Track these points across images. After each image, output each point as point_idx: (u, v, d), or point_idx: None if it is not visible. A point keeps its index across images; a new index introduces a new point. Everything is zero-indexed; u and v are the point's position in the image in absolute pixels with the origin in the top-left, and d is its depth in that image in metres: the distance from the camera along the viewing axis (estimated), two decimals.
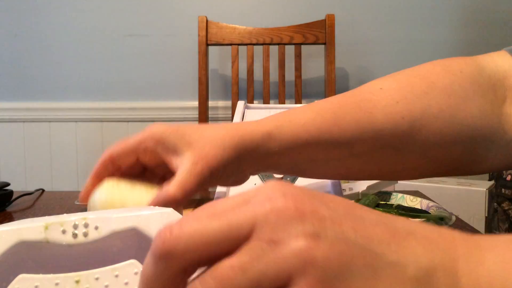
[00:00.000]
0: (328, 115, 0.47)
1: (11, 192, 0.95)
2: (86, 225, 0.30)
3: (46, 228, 0.30)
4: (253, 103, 1.56)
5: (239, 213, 0.21)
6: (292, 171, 0.50)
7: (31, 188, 1.12)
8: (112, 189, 0.41)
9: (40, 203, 0.96)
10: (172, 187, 0.43)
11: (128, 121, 1.83)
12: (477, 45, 1.75)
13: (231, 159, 0.45)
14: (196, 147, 0.44)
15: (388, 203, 0.66)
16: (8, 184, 0.96)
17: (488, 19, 1.75)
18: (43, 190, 1.06)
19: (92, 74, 1.81)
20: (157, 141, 0.47)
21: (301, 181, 0.62)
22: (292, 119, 0.47)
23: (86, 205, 0.85)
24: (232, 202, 0.22)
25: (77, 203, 0.86)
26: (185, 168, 0.43)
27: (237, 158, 0.45)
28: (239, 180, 0.49)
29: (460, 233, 0.24)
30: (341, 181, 0.64)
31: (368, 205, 0.61)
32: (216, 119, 1.79)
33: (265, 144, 0.46)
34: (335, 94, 1.44)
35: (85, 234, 0.30)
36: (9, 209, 0.92)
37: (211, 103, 1.74)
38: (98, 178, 0.51)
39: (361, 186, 0.67)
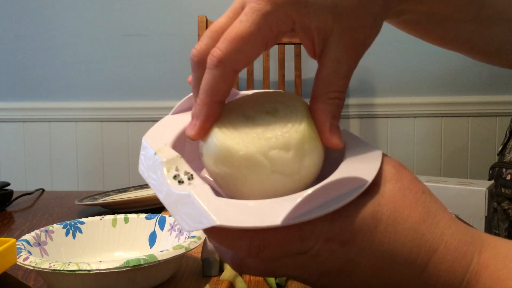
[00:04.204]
0: None
1: (11, 192, 0.95)
2: None
3: None
4: None
5: None
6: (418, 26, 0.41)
7: (31, 188, 1.12)
8: (231, 136, 0.28)
9: (40, 203, 0.96)
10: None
11: (128, 121, 1.83)
12: None
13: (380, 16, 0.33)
14: (342, 11, 0.30)
15: None
16: (8, 184, 0.96)
17: None
18: (43, 190, 1.06)
19: (92, 74, 1.81)
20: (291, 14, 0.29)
21: None
22: None
23: (87, 204, 0.85)
24: None
25: (77, 202, 0.86)
26: (335, 59, 0.30)
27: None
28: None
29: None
30: None
31: None
32: None
33: None
34: None
35: None
36: (9, 209, 0.92)
37: None
38: (213, 118, 0.31)
39: None
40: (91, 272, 0.46)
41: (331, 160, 0.31)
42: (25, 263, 0.48)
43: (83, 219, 0.63)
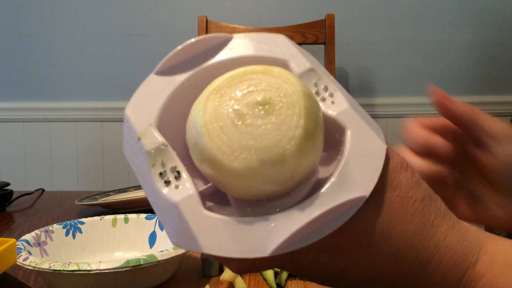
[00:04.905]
0: None
1: (11, 192, 0.95)
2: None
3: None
4: None
5: None
6: None
7: (31, 188, 1.12)
8: (218, 142, 0.26)
9: (40, 203, 0.96)
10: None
11: None
12: (478, 45, 1.75)
13: None
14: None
15: None
16: (8, 184, 0.96)
17: (489, 19, 1.75)
18: (43, 190, 1.06)
19: (92, 74, 1.81)
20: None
21: None
22: None
23: (87, 204, 0.85)
24: None
25: (77, 202, 0.86)
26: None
27: None
28: None
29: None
30: None
31: None
32: None
33: None
34: None
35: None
36: (9, 209, 0.92)
37: None
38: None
39: None
40: (91, 272, 0.46)
41: (330, 141, 0.29)
42: (25, 263, 0.48)
43: (83, 219, 0.63)
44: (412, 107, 1.80)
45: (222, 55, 0.30)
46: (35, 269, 0.47)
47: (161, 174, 0.27)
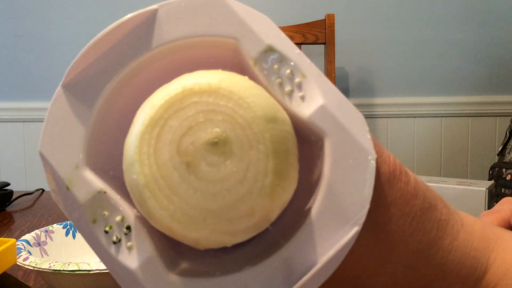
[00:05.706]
0: None
1: (11, 192, 0.95)
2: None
3: None
4: None
5: None
6: None
7: (31, 188, 1.12)
8: (168, 207, 0.22)
9: (40, 203, 0.96)
10: None
11: None
12: (478, 45, 1.75)
13: None
14: None
15: None
16: (8, 184, 0.96)
17: (489, 19, 1.75)
18: (43, 190, 1.06)
19: None
20: None
21: None
22: None
23: None
24: None
25: None
26: None
27: None
28: None
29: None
30: None
31: None
32: None
33: None
34: None
35: None
36: (9, 209, 0.92)
37: None
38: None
39: None
40: (91, 272, 0.46)
41: (304, 140, 0.23)
42: (25, 263, 0.48)
43: None
44: (412, 107, 1.80)
45: (153, 42, 0.23)
46: (35, 269, 0.47)
47: (106, 232, 0.21)
